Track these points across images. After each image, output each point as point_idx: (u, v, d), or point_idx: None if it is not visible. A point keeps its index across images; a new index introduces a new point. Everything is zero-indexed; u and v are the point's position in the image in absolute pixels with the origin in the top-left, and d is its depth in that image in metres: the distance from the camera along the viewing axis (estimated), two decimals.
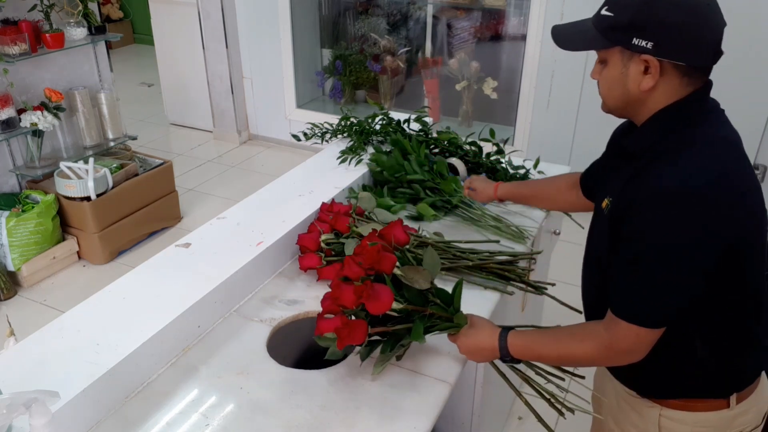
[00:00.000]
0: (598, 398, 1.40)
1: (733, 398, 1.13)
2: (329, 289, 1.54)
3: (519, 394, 1.25)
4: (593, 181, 1.40)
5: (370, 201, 1.74)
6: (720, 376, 1.13)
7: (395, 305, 1.17)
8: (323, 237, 1.60)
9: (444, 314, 1.22)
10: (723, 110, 1.10)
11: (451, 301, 1.23)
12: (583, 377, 1.31)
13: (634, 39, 1.01)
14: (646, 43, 1.00)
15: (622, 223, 1.05)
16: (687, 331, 1.08)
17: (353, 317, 1.20)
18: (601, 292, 1.14)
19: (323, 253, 1.59)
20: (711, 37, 1.01)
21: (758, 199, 1.05)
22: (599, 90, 1.13)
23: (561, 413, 1.24)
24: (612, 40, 1.04)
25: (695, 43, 1.00)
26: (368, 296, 1.14)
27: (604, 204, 1.14)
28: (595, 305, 1.23)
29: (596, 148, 1.30)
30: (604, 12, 1.06)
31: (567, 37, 1.12)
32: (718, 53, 1.03)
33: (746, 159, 1.07)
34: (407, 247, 1.43)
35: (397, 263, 1.23)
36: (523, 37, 3.62)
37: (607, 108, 1.15)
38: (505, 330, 1.21)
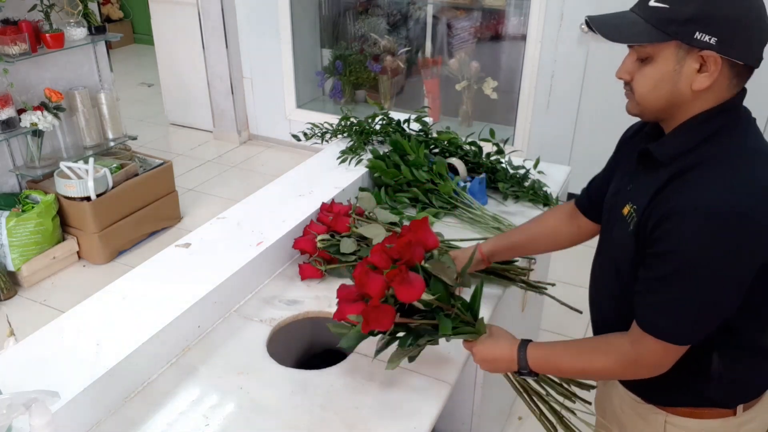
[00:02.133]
0: (602, 403, 1.38)
1: (740, 408, 1.12)
2: (329, 290, 1.55)
3: (532, 401, 1.24)
4: (598, 197, 1.29)
5: (370, 201, 1.74)
6: (730, 388, 1.11)
7: (425, 296, 1.13)
8: (319, 238, 1.60)
9: (466, 318, 1.19)
10: (754, 118, 1.06)
11: (471, 306, 1.21)
12: (589, 403, 1.29)
13: (697, 33, 0.93)
14: (710, 38, 0.93)
15: (655, 236, 1.00)
16: (706, 345, 1.05)
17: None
18: (621, 303, 1.10)
19: (321, 259, 1.59)
20: (765, 38, 0.97)
21: None
22: (633, 91, 1.04)
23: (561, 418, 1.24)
24: (670, 33, 0.95)
25: (755, 41, 0.96)
26: (401, 281, 1.09)
27: (625, 211, 1.08)
28: (612, 316, 1.18)
29: (596, 148, 1.30)
30: (654, 3, 0.97)
31: (612, 27, 1.01)
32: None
33: None
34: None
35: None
36: (523, 37, 3.62)
37: (641, 110, 1.05)
38: (525, 342, 1.17)
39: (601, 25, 1.01)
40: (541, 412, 1.28)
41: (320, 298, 1.53)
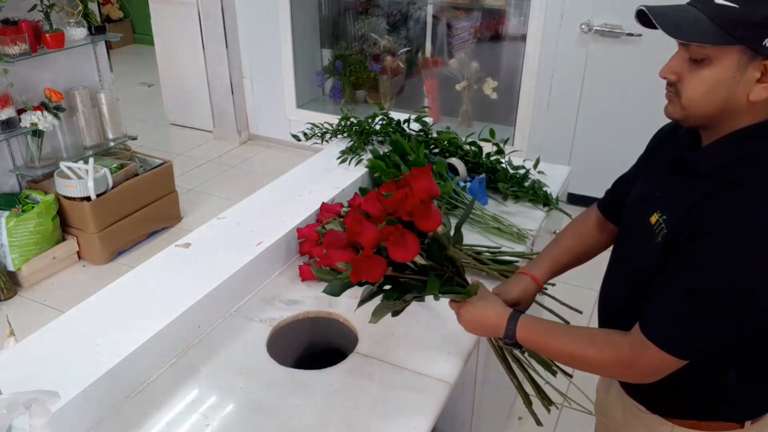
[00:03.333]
0: (603, 409, 1.36)
1: (748, 423, 1.10)
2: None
3: (515, 378, 1.23)
4: (624, 201, 1.22)
5: None
6: (744, 405, 1.09)
7: (417, 258, 1.08)
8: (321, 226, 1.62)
9: (458, 279, 1.15)
10: None
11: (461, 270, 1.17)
12: (570, 376, 1.27)
13: (767, 40, 0.87)
14: None
15: (690, 248, 0.94)
16: (723, 362, 1.02)
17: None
18: (636, 310, 1.05)
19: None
20: None
21: None
22: (681, 93, 0.97)
23: (547, 408, 1.24)
24: (736, 37, 0.88)
25: None
26: (395, 241, 1.03)
27: (653, 220, 1.03)
28: (623, 321, 1.11)
29: (596, 149, 1.29)
30: (721, 1, 0.89)
31: (673, 22, 0.92)
32: None
33: None
34: None
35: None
36: (523, 37, 3.62)
37: (686, 114, 0.98)
38: (516, 313, 1.14)
39: (662, 20, 0.92)
40: (519, 384, 1.27)
41: (320, 298, 1.53)
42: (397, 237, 1.03)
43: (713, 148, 0.99)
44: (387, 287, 1.15)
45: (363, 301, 1.17)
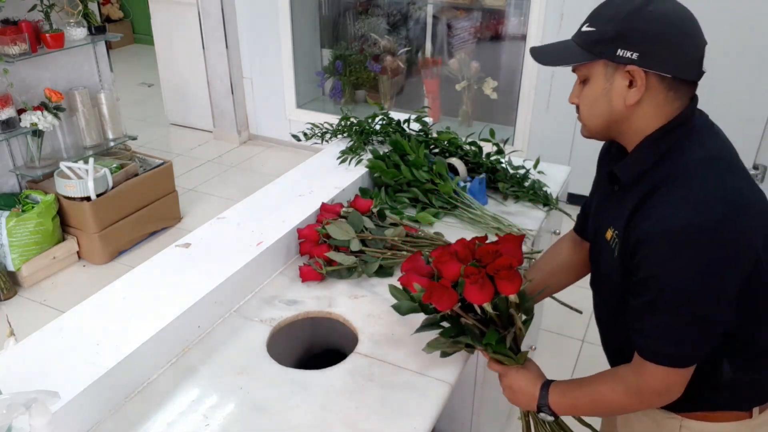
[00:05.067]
0: None
1: (755, 410, 1.12)
2: (329, 290, 1.55)
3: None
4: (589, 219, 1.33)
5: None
6: (744, 392, 1.11)
7: (487, 305, 1.14)
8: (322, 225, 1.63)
9: (514, 344, 1.20)
10: (712, 122, 1.08)
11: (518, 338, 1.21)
12: None
13: (619, 50, 1.00)
14: (632, 54, 0.99)
15: (635, 263, 1.01)
16: (714, 354, 1.05)
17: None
18: (618, 318, 1.12)
19: (322, 261, 1.59)
20: (695, 51, 1.01)
21: (765, 209, 1.01)
22: (580, 113, 1.10)
23: None
24: (596, 53, 1.03)
25: (680, 54, 1.00)
26: (475, 280, 1.10)
27: (608, 236, 1.11)
28: (618, 337, 1.19)
29: (596, 148, 1.29)
30: (585, 28, 1.05)
31: (548, 54, 1.11)
32: (701, 71, 1.02)
33: (743, 171, 1.04)
34: None
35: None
36: (523, 37, 3.62)
37: (588, 131, 1.11)
38: (548, 381, 1.18)
39: (538, 54, 1.11)
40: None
41: (320, 298, 1.53)
42: (477, 278, 1.11)
43: (631, 158, 1.08)
44: (447, 325, 1.23)
45: (421, 328, 1.26)
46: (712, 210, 0.95)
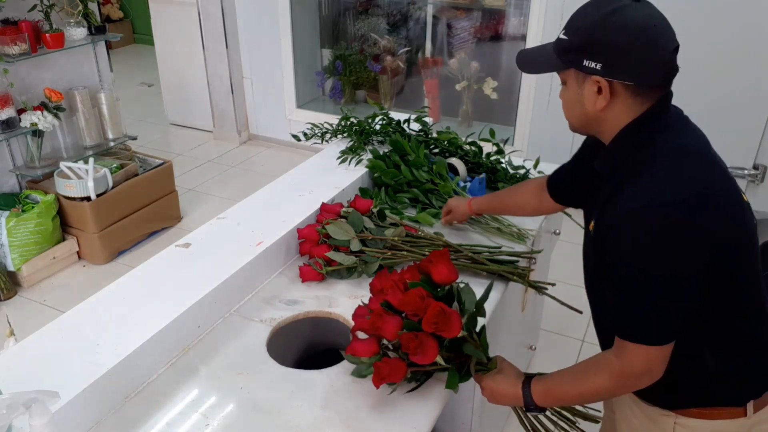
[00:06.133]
0: (610, 404, 1.39)
1: (750, 406, 1.12)
2: (329, 290, 1.55)
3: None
4: (564, 186, 1.45)
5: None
6: (733, 384, 1.12)
7: (438, 358, 1.16)
8: (322, 225, 1.63)
9: (481, 359, 1.21)
10: (686, 117, 1.11)
11: (484, 348, 1.22)
12: (597, 421, 1.31)
13: (585, 61, 1.04)
14: (596, 65, 1.03)
15: (605, 248, 1.06)
16: (693, 341, 1.07)
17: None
18: (603, 308, 1.18)
19: (322, 261, 1.59)
20: (659, 57, 1.02)
21: (731, 200, 1.04)
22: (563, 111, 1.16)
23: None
24: (566, 62, 1.08)
25: (642, 63, 1.02)
26: (415, 349, 1.13)
27: (591, 227, 1.15)
28: (607, 331, 1.21)
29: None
30: (561, 36, 1.10)
31: (529, 60, 1.18)
32: (670, 72, 1.05)
33: (712, 162, 1.07)
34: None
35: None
36: (523, 37, 3.62)
37: (571, 127, 1.18)
38: (528, 378, 1.19)
39: (521, 61, 1.18)
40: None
41: (320, 298, 1.53)
42: (416, 345, 1.13)
43: (606, 153, 1.13)
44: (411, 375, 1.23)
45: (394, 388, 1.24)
46: (673, 192, 0.99)
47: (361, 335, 1.24)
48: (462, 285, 1.26)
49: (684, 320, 1.03)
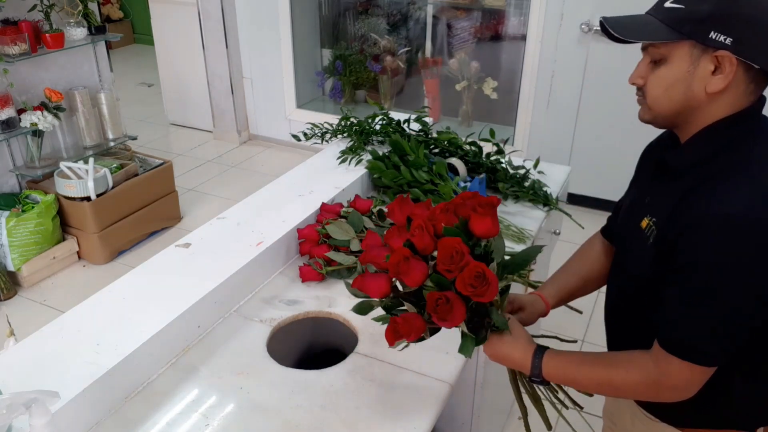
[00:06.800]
0: (611, 415, 1.35)
1: (760, 430, 1.09)
2: (329, 290, 1.55)
3: (520, 398, 1.23)
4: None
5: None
6: (750, 411, 1.08)
7: (462, 325, 1.04)
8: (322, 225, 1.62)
9: (504, 327, 1.10)
10: None
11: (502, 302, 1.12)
12: (581, 408, 1.26)
13: (712, 33, 0.91)
14: (725, 39, 0.91)
15: (675, 252, 0.96)
16: (729, 366, 1.00)
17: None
18: (643, 324, 1.06)
19: (322, 261, 1.59)
20: None
21: None
22: (645, 95, 1.02)
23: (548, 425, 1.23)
24: (684, 33, 0.93)
25: None
26: (444, 314, 0.98)
27: (644, 224, 1.05)
28: (632, 338, 1.12)
29: (596, 149, 1.29)
30: (669, 4, 0.96)
31: (624, 27, 0.99)
32: None
33: None
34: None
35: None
36: (523, 37, 3.62)
37: (652, 115, 1.03)
38: (541, 348, 1.11)
39: (614, 25, 0.99)
40: (522, 404, 1.25)
41: (320, 298, 1.53)
42: (446, 310, 0.99)
43: (688, 146, 1.02)
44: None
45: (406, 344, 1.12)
46: None
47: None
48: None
49: (741, 343, 0.96)
